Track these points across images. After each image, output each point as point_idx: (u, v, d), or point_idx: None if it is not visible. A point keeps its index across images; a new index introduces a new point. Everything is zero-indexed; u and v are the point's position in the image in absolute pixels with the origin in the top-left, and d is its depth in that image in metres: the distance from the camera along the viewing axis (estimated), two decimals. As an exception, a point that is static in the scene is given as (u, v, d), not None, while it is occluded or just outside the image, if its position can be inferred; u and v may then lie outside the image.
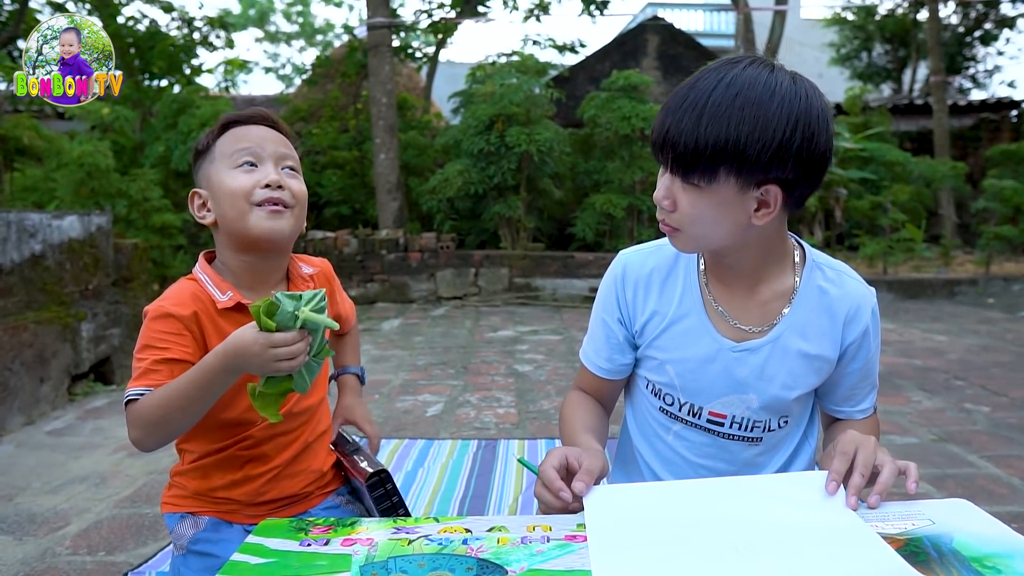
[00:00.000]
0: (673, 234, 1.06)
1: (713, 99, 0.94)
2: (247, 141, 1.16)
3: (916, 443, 2.77)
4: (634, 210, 7.49)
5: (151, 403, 1.05)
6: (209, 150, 1.19)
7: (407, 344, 4.96)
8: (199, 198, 1.19)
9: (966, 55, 15.31)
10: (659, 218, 1.06)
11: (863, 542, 0.82)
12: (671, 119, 0.97)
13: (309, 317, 0.97)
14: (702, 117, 0.94)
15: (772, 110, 0.93)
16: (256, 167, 1.15)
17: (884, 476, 0.93)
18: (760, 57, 1.00)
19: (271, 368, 0.97)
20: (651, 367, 1.19)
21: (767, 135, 0.93)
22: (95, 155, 5.47)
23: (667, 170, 1.01)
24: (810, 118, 0.95)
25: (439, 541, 0.87)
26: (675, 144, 0.96)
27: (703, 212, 1.00)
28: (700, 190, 0.98)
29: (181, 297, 1.14)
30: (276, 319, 0.96)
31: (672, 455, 1.20)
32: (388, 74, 7.88)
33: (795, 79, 0.97)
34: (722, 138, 0.93)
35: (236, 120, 1.20)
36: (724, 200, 0.98)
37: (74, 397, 3.54)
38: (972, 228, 9.49)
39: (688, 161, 0.96)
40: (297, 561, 0.84)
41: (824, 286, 1.12)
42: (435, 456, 2.62)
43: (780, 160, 0.95)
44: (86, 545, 1.98)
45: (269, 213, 1.13)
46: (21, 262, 3.29)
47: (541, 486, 0.99)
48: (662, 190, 1.03)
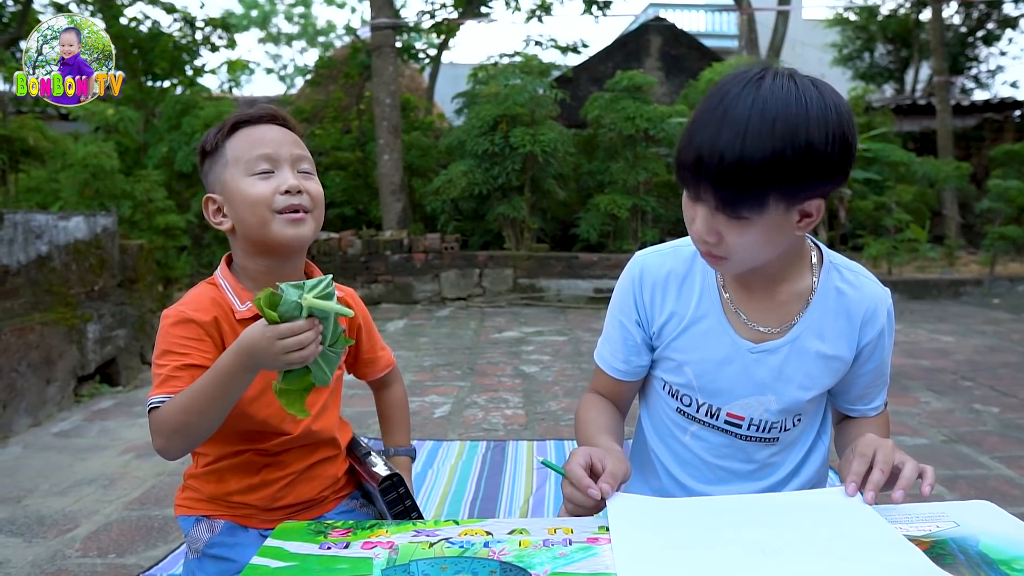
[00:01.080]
0: (719, 263, 1.03)
1: (752, 129, 0.89)
2: (263, 146, 1.13)
3: (926, 444, 2.76)
4: (638, 211, 7.48)
5: (172, 409, 1.04)
6: (219, 152, 1.16)
7: (412, 345, 4.95)
8: (213, 203, 1.17)
9: (969, 55, 15.29)
10: (700, 249, 1.03)
11: (890, 543, 0.82)
12: (707, 153, 0.91)
13: (314, 304, 0.93)
14: (744, 150, 0.89)
15: (811, 130, 0.90)
16: (273, 172, 1.12)
17: (907, 471, 0.93)
18: (774, 67, 0.97)
19: (283, 361, 0.94)
20: (668, 368, 1.18)
21: (812, 157, 0.91)
22: (99, 156, 5.48)
23: (702, 202, 0.97)
24: (842, 128, 0.93)
25: (460, 544, 0.86)
26: (719, 179, 0.92)
27: (754, 240, 0.98)
28: (749, 221, 0.95)
29: (201, 302, 1.13)
30: (280, 310, 0.93)
31: (689, 455, 1.19)
32: (392, 74, 7.88)
33: (818, 87, 0.94)
34: (769, 169, 0.90)
35: (246, 120, 1.17)
36: (772, 224, 0.97)
37: (80, 399, 3.53)
38: (976, 228, 9.48)
39: (734, 197, 0.93)
40: (318, 564, 0.83)
41: (841, 287, 1.12)
42: (444, 457, 2.62)
43: (824, 175, 0.93)
44: (96, 547, 1.98)
45: (291, 221, 1.12)
46: (27, 263, 3.29)
47: (569, 485, 0.98)
48: (702, 225, 0.98)
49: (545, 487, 2.29)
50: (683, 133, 0.98)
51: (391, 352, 1.44)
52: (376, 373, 1.41)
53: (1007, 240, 7.80)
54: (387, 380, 1.43)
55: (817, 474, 1.22)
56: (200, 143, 1.20)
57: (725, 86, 0.96)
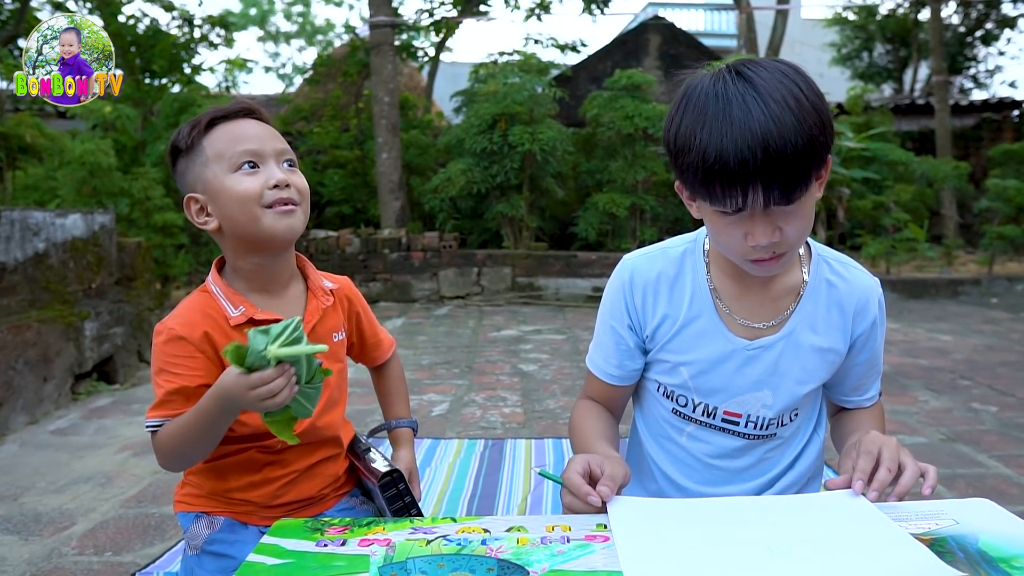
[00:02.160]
0: (777, 262, 1.00)
1: (774, 115, 0.89)
2: (246, 141, 1.10)
3: (925, 443, 2.75)
4: (637, 209, 7.48)
5: (167, 436, 1.08)
6: (196, 149, 1.12)
7: (411, 343, 4.94)
8: (196, 203, 1.13)
9: (967, 55, 15.31)
10: (755, 257, 0.99)
11: (897, 541, 0.82)
12: (750, 152, 0.89)
13: (278, 354, 0.92)
14: (783, 136, 0.89)
15: (811, 97, 0.93)
16: (258, 167, 1.10)
17: (906, 478, 0.93)
18: (730, 65, 0.98)
19: (259, 407, 0.96)
20: (663, 370, 1.18)
21: (824, 118, 0.93)
22: (97, 154, 5.45)
23: (751, 207, 0.93)
24: (812, 85, 0.96)
25: (458, 541, 0.86)
26: (768, 176, 0.90)
27: (805, 220, 0.98)
28: (800, 203, 0.95)
29: (191, 316, 1.12)
30: (247, 362, 0.93)
31: (685, 456, 1.19)
32: (391, 73, 7.87)
33: (766, 67, 0.95)
34: (808, 145, 0.91)
35: (223, 115, 1.13)
36: (812, 198, 0.98)
37: (77, 396, 3.52)
38: (974, 228, 9.49)
39: (788, 184, 0.91)
40: (314, 562, 0.83)
41: (831, 279, 1.13)
42: (442, 455, 2.61)
43: (831, 131, 0.95)
44: (92, 545, 1.97)
45: (281, 213, 1.10)
46: (25, 260, 3.28)
47: (568, 494, 0.97)
48: (763, 228, 0.95)
49: (543, 486, 2.29)
50: (687, 150, 0.94)
51: (387, 331, 1.44)
52: (382, 356, 1.42)
53: (1005, 239, 7.81)
54: (387, 359, 1.45)
55: (812, 468, 1.22)
56: (172, 141, 1.15)
57: (704, 91, 0.95)
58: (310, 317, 1.18)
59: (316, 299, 1.21)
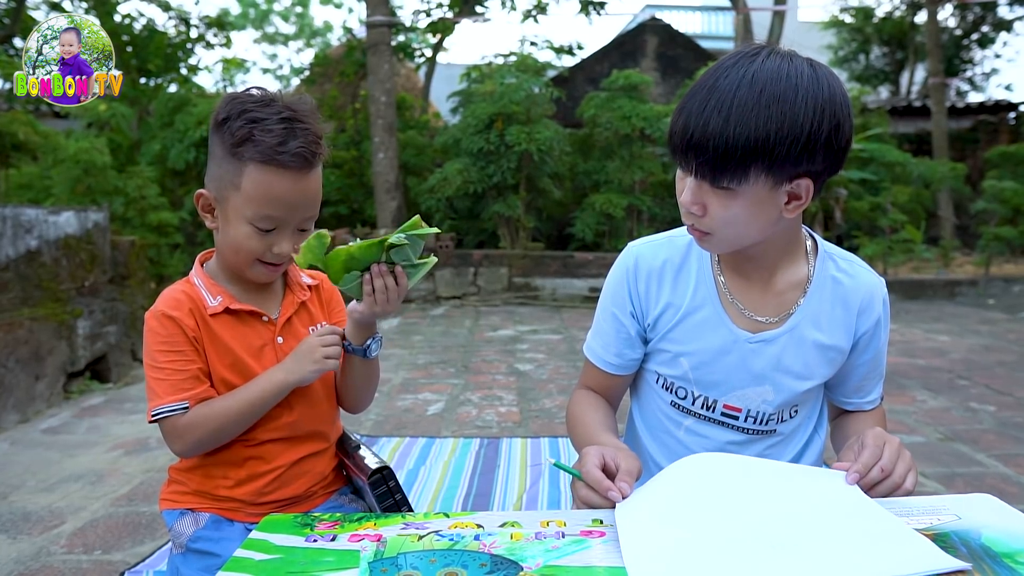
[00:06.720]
0: (704, 238, 1.02)
1: (739, 98, 0.90)
2: (277, 207, 1.07)
3: (923, 442, 2.74)
4: (634, 210, 7.47)
5: (201, 419, 1.11)
6: (237, 160, 1.07)
7: (407, 343, 4.92)
8: (205, 200, 1.13)
9: (963, 58, 15.36)
10: (687, 223, 1.02)
11: (896, 532, 0.80)
12: (695, 122, 0.92)
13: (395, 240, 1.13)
14: (729, 118, 0.90)
15: (798, 104, 0.90)
16: (274, 230, 1.10)
17: (883, 486, 0.92)
18: (775, 47, 0.97)
19: (325, 366, 1.15)
20: (663, 360, 1.16)
21: (796, 130, 0.90)
22: (91, 152, 5.43)
23: (692, 174, 0.97)
24: (835, 106, 0.92)
25: (450, 537, 0.84)
26: (702, 147, 0.92)
27: (736, 214, 0.97)
28: (731, 192, 0.95)
29: (175, 297, 1.16)
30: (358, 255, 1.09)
31: (683, 450, 1.17)
32: (387, 73, 7.85)
33: (814, 66, 0.94)
34: (752, 138, 0.89)
35: (278, 159, 1.05)
36: (756, 199, 0.96)
37: (70, 395, 3.50)
38: (971, 229, 9.50)
39: (718, 164, 0.92)
40: (303, 557, 0.81)
41: (837, 276, 1.11)
42: (437, 454, 2.59)
43: (810, 153, 0.92)
44: (82, 544, 1.95)
45: (269, 270, 1.16)
46: (17, 258, 3.25)
47: (586, 488, 0.92)
48: (689, 195, 0.98)
49: (539, 484, 2.27)
50: (677, 106, 0.98)
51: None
52: None
53: (1002, 241, 7.82)
54: None
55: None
56: (221, 116, 1.08)
57: (722, 61, 0.96)
58: (286, 310, 1.21)
59: (293, 293, 1.24)
